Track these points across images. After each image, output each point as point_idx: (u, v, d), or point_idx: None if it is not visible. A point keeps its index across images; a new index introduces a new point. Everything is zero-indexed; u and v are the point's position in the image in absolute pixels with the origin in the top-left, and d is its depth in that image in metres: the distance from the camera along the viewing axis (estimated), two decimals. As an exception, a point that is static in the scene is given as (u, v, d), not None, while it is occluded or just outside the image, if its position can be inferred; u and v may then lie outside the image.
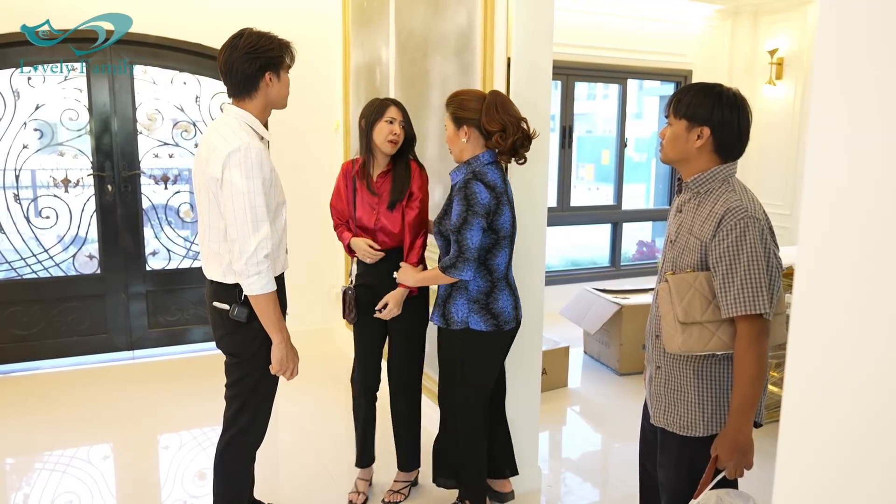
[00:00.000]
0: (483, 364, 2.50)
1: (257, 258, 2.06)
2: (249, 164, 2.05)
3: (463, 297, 2.44)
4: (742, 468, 1.70)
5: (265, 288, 2.09)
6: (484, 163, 2.38)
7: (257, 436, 2.37)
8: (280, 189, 2.23)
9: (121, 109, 4.41)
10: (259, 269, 2.07)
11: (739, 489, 1.75)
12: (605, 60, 5.69)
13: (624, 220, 6.28)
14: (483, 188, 2.32)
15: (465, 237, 2.30)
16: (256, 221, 2.06)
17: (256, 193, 2.06)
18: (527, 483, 2.97)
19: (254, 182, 2.06)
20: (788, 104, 5.88)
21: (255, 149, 2.07)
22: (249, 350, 2.23)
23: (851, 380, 0.78)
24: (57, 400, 3.95)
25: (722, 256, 1.69)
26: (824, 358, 0.82)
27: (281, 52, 2.20)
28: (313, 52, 4.74)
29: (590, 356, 4.73)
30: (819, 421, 0.83)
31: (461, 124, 2.39)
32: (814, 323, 0.83)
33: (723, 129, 1.76)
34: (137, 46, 4.37)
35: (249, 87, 2.17)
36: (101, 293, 4.53)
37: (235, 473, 2.36)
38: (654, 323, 1.91)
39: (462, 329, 2.45)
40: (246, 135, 2.11)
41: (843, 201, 0.77)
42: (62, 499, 2.94)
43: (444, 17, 3.15)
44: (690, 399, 1.80)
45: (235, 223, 2.06)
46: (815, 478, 0.84)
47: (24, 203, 4.33)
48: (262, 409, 2.35)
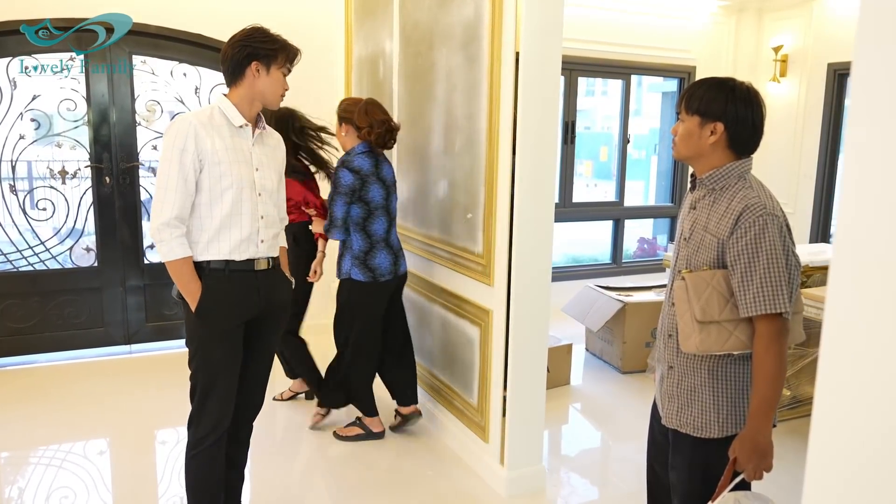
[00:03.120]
0: (365, 306, 3.19)
1: (157, 225, 2.11)
2: (172, 135, 2.12)
3: (349, 254, 3.16)
4: (761, 471, 1.67)
5: (167, 256, 2.13)
6: (357, 152, 3.12)
7: (206, 429, 2.26)
8: (228, 172, 2.17)
9: (119, 100, 4.35)
10: (161, 236, 2.12)
11: (753, 491, 1.72)
12: (608, 56, 5.65)
13: (626, 216, 6.24)
14: (347, 173, 3.06)
15: (332, 210, 3.10)
16: (165, 189, 2.11)
17: (170, 162, 2.11)
18: (531, 481, 2.94)
19: (170, 152, 2.11)
20: (792, 101, 5.85)
21: (185, 121, 2.12)
22: (189, 330, 2.27)
23: (885, 385, 0.75)
24: (53, 394, 3.90)
25: (740, 254, 1.65)
26: (856, 362, 0.79)
27: (275, 47, 2.22)
28: (315, 43, 4.69)
29: (592, 354, 4.70)
30: (850, 429, 0.80)
31: (342, 122, 3.18)
32: (847, 328, 0.80)
33: (737, 124, 1.72)
34: (137, 37, 4.31)
35: (236, 74, 2.22)
36: (98, 286, 4.47)
37: (192, 467, 2.30)
38: (667, 321, 1.87)
39: (347, 278, 3.17)
40: (192, 113, 2.18)
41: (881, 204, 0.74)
42: (58, 493, 2.90)
43: (450, 9, 3.10)
44: (705, 399, 1.76)
45: (155, 191, 2.15)
46: (845, 486, 0.81)
47: (21, 194, 4.27)
48: (207, 398, 2.25)
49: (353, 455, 3.25)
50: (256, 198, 2.25)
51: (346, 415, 3.51)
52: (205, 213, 2.18)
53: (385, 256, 3.16)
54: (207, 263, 2.20)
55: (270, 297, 2.33)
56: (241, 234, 2.22)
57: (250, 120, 2.27)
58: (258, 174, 2.26)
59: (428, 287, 3.52)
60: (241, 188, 2.20)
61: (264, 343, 2.39)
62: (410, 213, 3.67)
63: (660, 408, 1.92)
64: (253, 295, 2.28)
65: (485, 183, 2.90)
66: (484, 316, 2.98)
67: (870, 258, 0.76)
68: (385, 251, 3.16)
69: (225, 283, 2.22)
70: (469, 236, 3.06)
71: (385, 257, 3.16)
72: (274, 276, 2.36)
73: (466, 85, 3.00)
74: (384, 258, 3.15)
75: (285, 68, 2.29)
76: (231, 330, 2.25)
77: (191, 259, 2.17)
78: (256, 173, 2.26)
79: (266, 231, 2.29)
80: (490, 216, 2.88)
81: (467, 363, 3.18)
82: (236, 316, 2.25)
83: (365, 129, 3.10)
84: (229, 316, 2.24)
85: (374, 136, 3.10)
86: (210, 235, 2.19)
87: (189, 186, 2.13)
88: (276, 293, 2.37)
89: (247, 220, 2.23)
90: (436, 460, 3.21)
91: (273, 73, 2.24)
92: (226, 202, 2.19)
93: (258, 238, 2.27)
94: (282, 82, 2.28)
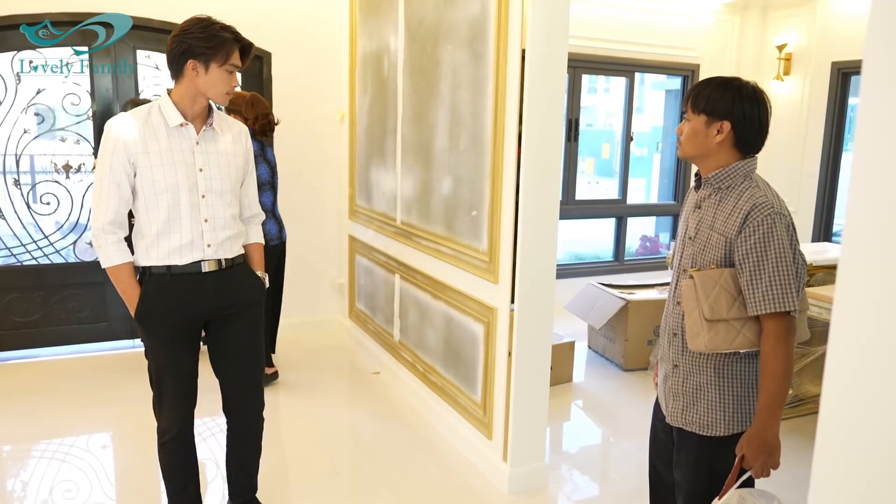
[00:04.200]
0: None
1: (94, 230, 2.11)
2: (104, 139, 2.10)
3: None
4: (769, 468, 1.68)
5: (104, 262, 2.13)
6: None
7: (164, 424, 2.27)
8: (162, 175, 2.10)
9: (123, 95, 4.34)
10: (98, 242, 2.11)
11: (758, 488, 1.73)
12: (612, 53, 5.64)
13: (629, 214, 6.24)
14: None
15: None
16: (99, 195, 2.09)
17: (102, 167, 2.08)
18: (533, 478, 2.95)
19: (102, 157, 2.09)
20: (796, 100, 5.84)
21: (117, 123, 2.08)
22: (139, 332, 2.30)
23: (893, 385, 0.75)
24: (56, 388, 3.91)
25: (749, 253, 1.66)
26: (863, 363, 0.79)
27: (211, 44, 2.08)
28: (318, 39, 4.70)
29: (594, 351, 4.71)
30: (857, 428, 0.80)
31: (230, 113, 3.62)
32: (855, 328, 0.80)
33: (744, 122, 1.73)
34: (141, 32, 4.30)
35: (175, 70, 2.13)
36: (101, 280, 4.46)
37: (161, 457, 2.33)
38: (672, 320, 1.88)
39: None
40: (130, 113, 2.12)
41: (890, 204, 0.74)
42: (61, 487, 2.91)
43: (456, 6, 3.10)
44: (711, 398, 1.77)
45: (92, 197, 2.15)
46: (852, 484, 0.82)
47: (25, 188, 4.28)
48: (161, 396, 2.26)
49: (356, 450, 3.26)
50: (199, 200, 2.14)
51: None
52: (143, 218, 2.14)
53: (273, 224, 3.76)
54: (148, 268, 2.16)
55: (227, 296, 2.25)
56: (182, 238, 2.14)
57: (194, 118, 2.15)
58: (202, 175, 2.15)
59: (432, 284, 3.52)
60: (177, 191, 2.11)
61: (232, 342, 2.32)
62: (415, 209, 3.67)
63: (663, 406, 1.93)
64: (199, 298, 2.20)
65: (490, 180, 2.90)
66: (488, 313, 2.99)
67: (878, 258, 0.76)
68: (272, 220, 3.76)
69: (165, 287, 2.16)
70: (473, 233, 3.07)
71: (273, 225, 3.76)
72: (231, 276, 2.26)
73: (472, 82, 3.00)
74: (272, 226, 3.75)
75: (228, 66, 2.11)
76: (174, 334, 2.20)
77: (129, 265, 2.14)
78: (200, 174, 2.14)
79: (213, 234, 2.19)
80: (495, 213, 2.88)
81: (471, 360, 3.19)
82: (178, 321, 2.19)
83: (251, 119, 3.68)
84: (169, 321, 2.18)
85: (258, 126, 3.70)
86: (149, 241, 2.14)
87: (122, 191, 2.09)
88: (236, 292, 2.28)
89: (186, 224, 2.14)
90: (439, 457, 3.22)
91: (213, 71, 2.09)
92: (161, 207, 2.11)
93: (203, 242, 2.17)
94: (224, 80, 2.12)
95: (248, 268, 2.37)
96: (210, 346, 2.36)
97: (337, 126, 4.81)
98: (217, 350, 2.35)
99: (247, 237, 2.39)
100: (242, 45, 2.16)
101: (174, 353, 2.22)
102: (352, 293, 4.76)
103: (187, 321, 2.22)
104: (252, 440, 2.49)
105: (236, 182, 2.27)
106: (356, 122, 4.50)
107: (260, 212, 2.45)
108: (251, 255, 2.40)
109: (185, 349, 2.24)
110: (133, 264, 2.17)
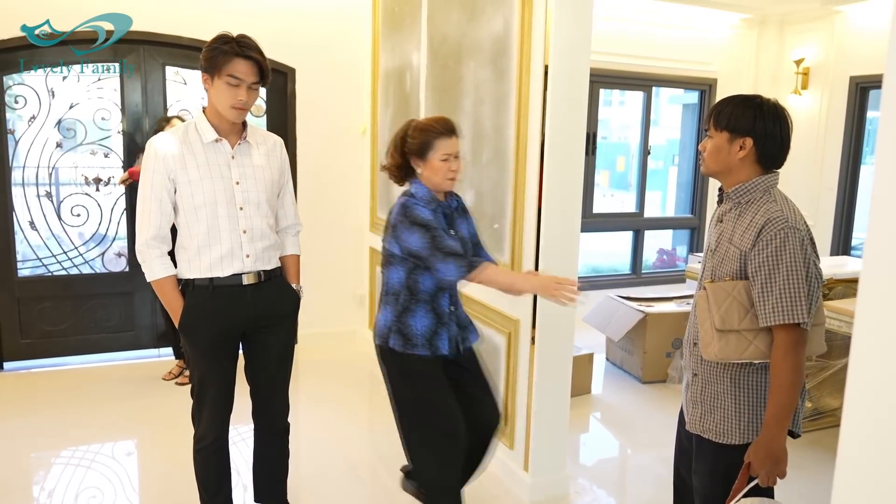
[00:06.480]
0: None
1: (138, 246, 2.19)
2: (145, 157, 2.20)
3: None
4: (775, 476, 1.71)
5: (148, 276, 2.21)
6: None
7: (202, 431, 2.39)
8: (201, 189, 2.17)
9: (153, 110, 4.46)
10: (142, 256, 2.19)
11: (770, 499, 1.76)
12: (630, 68, 5.69)
13: (646, 227, 6.27)
14: None
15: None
16: (142, 212, 2.18)
17: (144, 185, 2.17)
18: (554, 487, 2.98)
19: (144, 174, 2.17)
20: (814, 114, 5.85)
21: (157, 142, 2.18)
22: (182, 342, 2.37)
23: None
24: (84, 396, 4.00)
25: (761, 266, 1.70)
26: (885, 375, 0.81)
27: (210, 55, 2.12)
28: (341, 55, 4.79)
29: (612, 363, 4.73)
30: (880, 442, 0.81)
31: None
32: (877, 340, 0.81)
33: (766, 138, 1.77)
34: (170, 48, 4.43)
35: (204, 85, 2.21)
36: (129, 291, 4.57)
37: (196, 462, 2.45)
38: (692, 330, 1.92)
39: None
40: (170, 131, 2.23)
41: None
42: (86, 493, 2.98)
43: (479, 23, 3.17)
44: (727, 406, 1.81)
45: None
46: (874, 500, 0.83)
47: (56, 200, 4.39)
48: (201, 403, 2.37)
49: (376, 459, 3.30)
50: (237, 212, 2.22)
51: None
52: (184, 232, 2.22)
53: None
54: (192, 281, 2.24)
55: (266, 308, 2.33)
56: (222, 250, 2.21)
57: (227, 133, 2.22)
58: (239, 188, 2.22)
59: (453, 295, 3.57)
60: (215, 205, 2.18)
61: (267, 352, 2.40)
62: (436, 222, 3.72)
63: (685, 413, 1.97)
64: (240, 309, 2.28)
65: (512, 193, 2.96)
66: (510, 325, 3.03)
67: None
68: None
69: (208, 299, 2.23)
70: (496, 246, 3.11)
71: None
72: (269, 288, 2.33)
73: (494, 98, 3.07)
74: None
75: (229, 78, 2.11)
76: (216, 344, 2.28)
77: (172, 278, 2.22)
78: (237, 187, 2.22)
79: (252, 245, 2.26)
80: (517, 226, 2.93)
81: (493, 371, 3.22)
82: (219, 331, 2.27)
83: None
84: (210, 331, 2.26)
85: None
86: (191, 254, 2.22)
87: (164, 207, 2.17)
88: (273, 304, 2.35)
89: (226, 235, 2.21)
90: (460, 466, 3.25)
91: (217, 84, 2.13)
92: (201, 220, 2.19)
93: (242, 253, 2.24)
94: (227, 93, 2.13)
95: (285, 281, 2.44)
96: (246, 355, 2.44)
97: (359, 140, 4.90)
98: (252, 359, 2.43)
99: (283, 248, 2.46)
100: (245, 56, 2.12)
101: (216, 362, 2.30)
102: (372, 304, 4.82)
103: (227, 332, 2.30)
104: (278, 441, 2.58)
105: (273, 194, 2.34)
106: (377, 136, 4.58)
107: (297, 222, 2.51)
108: (288, 268, 2.47)
109: (225, 358, 2.33)
110: (176, 277, 2.25)
